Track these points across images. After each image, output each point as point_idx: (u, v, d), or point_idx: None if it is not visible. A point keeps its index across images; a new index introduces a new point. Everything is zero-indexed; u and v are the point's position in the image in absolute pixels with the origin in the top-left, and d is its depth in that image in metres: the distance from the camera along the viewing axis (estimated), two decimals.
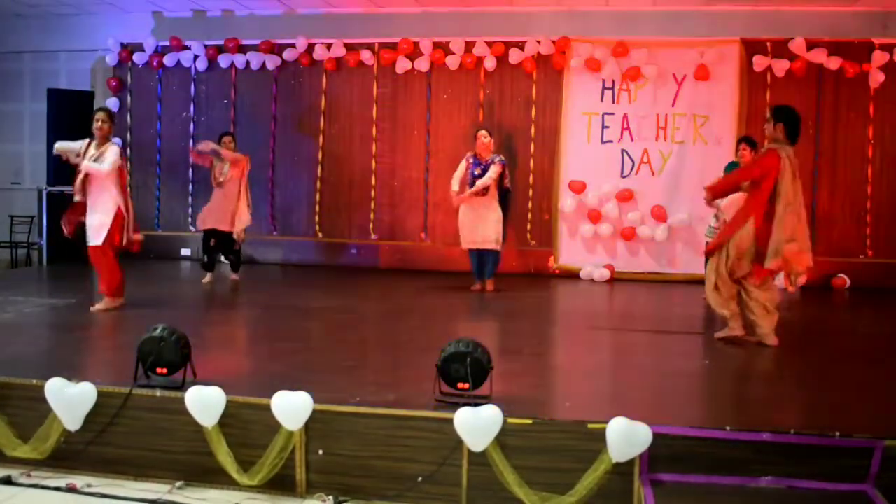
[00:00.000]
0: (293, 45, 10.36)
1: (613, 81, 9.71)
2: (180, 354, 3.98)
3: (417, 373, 4.22)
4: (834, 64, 9.26)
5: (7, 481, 3.80)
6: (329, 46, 10.28)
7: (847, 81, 9.34)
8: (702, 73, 9.44)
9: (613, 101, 9.73)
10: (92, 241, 6.29)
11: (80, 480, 3.82)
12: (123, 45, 10.81)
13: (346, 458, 3.70)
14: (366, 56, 10.22)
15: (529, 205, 9.95)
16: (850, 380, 4.86)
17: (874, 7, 9.22)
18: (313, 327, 6.46)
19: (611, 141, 9.73)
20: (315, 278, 9.36)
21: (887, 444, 3.40)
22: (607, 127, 9.74)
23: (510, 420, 3.57)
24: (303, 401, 3.68)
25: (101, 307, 6.38)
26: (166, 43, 10.67)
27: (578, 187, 9.71)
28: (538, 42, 9.78)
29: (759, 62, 9.35)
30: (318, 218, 10.52)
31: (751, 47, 9.42)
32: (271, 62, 10.41)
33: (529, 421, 3.58)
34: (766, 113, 5.82)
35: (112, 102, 10.60)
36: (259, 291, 8.30)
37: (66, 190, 9.63)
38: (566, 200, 9.76)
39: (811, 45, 9.30)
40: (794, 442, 3.45)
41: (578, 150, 9.77)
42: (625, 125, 9.70)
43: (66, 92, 10.73)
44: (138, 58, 10.76)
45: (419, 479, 3.62)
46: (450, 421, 3.57)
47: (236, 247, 8.63)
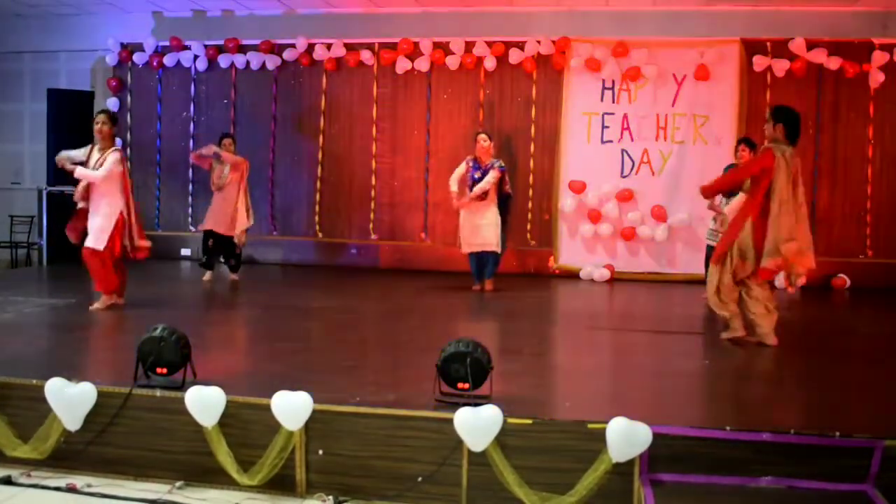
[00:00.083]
0: (293, 45, 10.37)
1: (613, 81, 9.71)
2: (180, 354, 3.98)
3: (417, 373, 4.22)
4: (834, 64, 9.26)
5: (7, 481, 3.80)
6: (329, 46, 10.28)
7: (847, 81, 9.34)
8: (702, 73, 9.44)
9: (613, 101, 9.73)
10: (89, 244, 6.24)
11: (80, 480, 3.82)
12: (123, 45, 10.82)
13: (346, 458, 3.70)
14: (366, 56, 10.23)
15: (529, 205, 9.95)
16: (850, 380, 4.86)
17: (874, 7, 9.22)
18: (313, 327, 6.46)
19: (611, 141, 9.74)
20: (315, 278, 9.36)
21: (887, 444, 3.40)
22: (607, 127, 9.74)
23: (510, 420, 3.57)
24: (303, 401, 3.68)
25: (98, 306, 6.38)
26: (166, 43, 10.68)
27: (578, 187, 9.72)
28: (538, 42, 9.78)
29: (759, 62, 9.35)
30: (318, 218, 10.52)
31: (751, 47, 9.43)
32: (271, 62, 10.41)
33: (529, 421, 3.58)
34: (766, 113, 5.81)
35: (112, 102, 10.62)
36: (259, 291, 8.30)
37: (66, 190, 9.65)
38: (566, 200, 9.76)
39: (811, 45, 9.30)
40: (794, 442, 3.45)
41: (578, 150, 9.78)
42: (625, 125, 9.70)
43: (66, 92, 10.74)
44: (138, 58, 10.77)
45: (419, 479, 3.62)
46: (450, 421, 3.57)
47: (238, 250, 8.63)
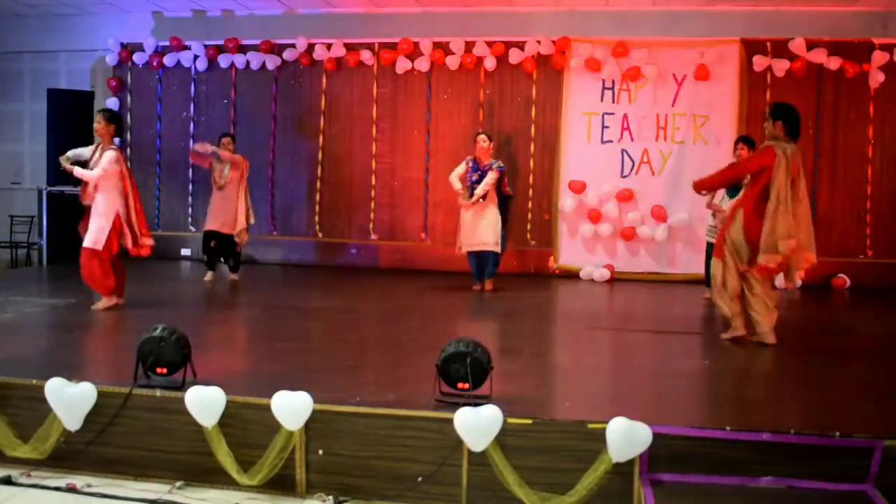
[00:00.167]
0: (293, 45, 10.37)
1: (613, 81, 9.71)
2: (180, 354, 3.98)
3: (417, 373, 4.22)
4: (834, 64, 9.26)
5: (7, 481, 3.80)
6: (329, 46, 10.28)
7: (847, 81, 9.34)
8: (702, 73, 9.44)
9: (613, 101, 9.73)
10: (87, 244, 6.27)
11: (80, 480, 3.82)
12: (123, 45, 10.82)
13: (346, 458, 3.70)
14: (366, 56, 10.22)
15: (529, 205, 9.95)
16: (850, 380, 4.87)
17: (874, 7, 9.22)
18: (313, 327, 6.46)
19: (611, 141, 9.74)
20: (315, 278, 9.36)
21: (887, 444, 3.40)
22: (607, 127, 9.74)
23: (510, 420, 3.56)
24: (303, 401, 3.68)
25: (100, 306, 6.39)
26: (166, 43, 10.68)
27: (578, 187, 9.71)
28: (538, 42, 9.78)
29: (759, 62, 9.35)
30: (318, 218, 10.52)
31: (751, 47, 9.43)
32: (271, 62, 10.41)
33: (529, 421, 3.58)
34: (766, 111, 5.81)
35: (112, 102, 10.62)
36: (259, 291, 8.30)
37: (65, 190, 9.68)
38: (566, 200, 9.76)
39: (811, 45, 9.30)
40: (794, 442, 3.45)
41: (578, 150, 9.77)
42: (625, 125, 9.70)
43: (66, 92, 10.74)
44: (138, 58, 10.78)
45: (419, 479, 3.61)
46: (450, 421, 3.57)
47: (238, 249, 8.64)
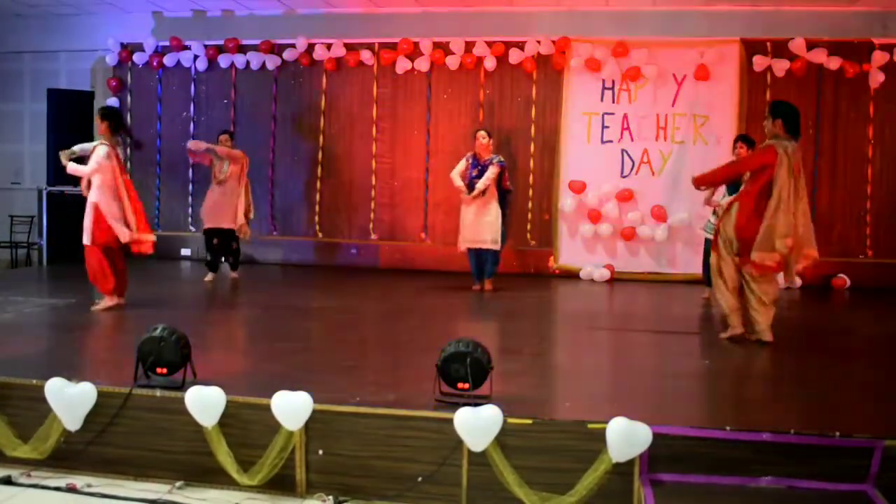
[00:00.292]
0: (293, 45, 10.36)
1: (613, 81, 9.71)
2: (180, 354, 3.98)
3: (417, 373, 4.22)
4: (834, 64, 9.26)
5: (7, 481, 3.80)
6: (329, 46, 10.28)
7: (847, 81, 9.34)
8: (702, 73, 9.44)
9: (613, 101, 9.73)
10: (83, 241, 6.39)
11: (80, 480, 3.82)
12: (123, 45, 10.82)
13: (346, 458, 3.70)
14: (366, 56, 10.22)
15: (529, 205, 9.95)
16: (850, 380, 4.86)
17: (874, 7, 9.22)
18: (313, 327, 6.46)
19: (611, 141, 9.73)
20: (315, 278, 9.37)
21: (887, 444, 3.40)
22: (607, 127, 9.74)
23: (510, 420, 3.56)
24: (303, 401, 3.68)
25: (100, 306, 6.39)
26: (166, 43, 10.68)
27: (578, 187, 9.71)
28: (538, 42, 9.77)
29: (759, 62, 9.35)
30: (318, 218, 10.52)
31: (751, 47, 9.42)
32: (271, 62, 10.41)
33: (529, 421, 3.58)
34: (766, 110, 5.80)
35: (112, 102, 10.58)
36: (259, 291, 8.30)
37: (66, 190, 9.68)
38: (566, 200, 9.75)
39: (811, 45, 9.30)
40: (794, 442, 3.45)
41: (578, 150, 9.77)
42: (625, 125, 9.70)
43: (66, 92, 10.74)
44: (138, 58, 10.77)
45: (419, 479, 3.62)
46: (450, 421, 3.57)
47: (234, 245, 8.65)
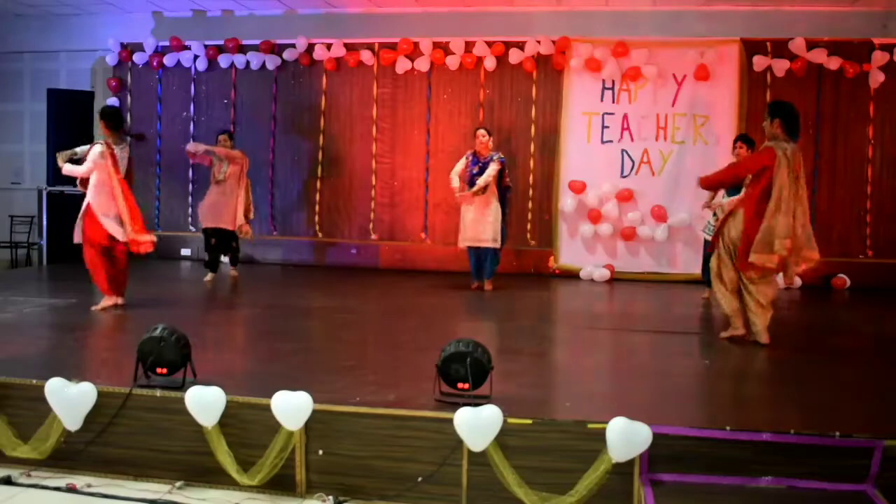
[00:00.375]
0: (293, 45, 10.37)
1: (613, 81, 9.71)
2: (180, 354, 3.98)
3: (417, 373, 4.22)
4: (834, 64, 9.26)
5: (7, 481, 3.80)
6: (329, 46, 10.28)
7: (847, 81, 9.34)
8: (702, 73, 9.44)
9: (613, 101, 9.73)
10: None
11: (80, 480, 3.82)
12: (123, 45, 10.82)
13: (346, 458, 3.70)
14: (366, 56, 10.22)
15: (529, 205, 9.95)
16: (850, 380, 4.86)
17: (874, 7, 9.22)
18: (313, 327, 6.46)
19: (611, 141, 9.73)
20: (315, 278, 9.36)
21: (887, 444, 3.40)
22: (607, 127, 9.74)
23: (510, 420, 3.57)
24: (303, 401, 3.68)
25: (99, 306, 6.40)
26: (166, 43, 10.68)
27: (578, 187, 9.71)
28: (538, 42, 9.78)
29: (759, 62, 9.35)
30: (318, 218, 10.52)
31: (751, 47, 9.42)
32: (271, 62, 10.41)
33: (529, 421, 3.58)
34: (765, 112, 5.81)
35: (112, 102, 10.59)
36: (259, 291, 8.30)
37: (65, 190, 9.68)
38: (566, 200, 9.75)
39: (811, 45, 9.30)
40: (794, 442, 3.45)
41: (578, 150, 9.77)
42: (625, 125, 9.70)
43: (66, 92, 10.74)
44: (138, 58, 10.78)
45: (419, 479, 3.62)
46: (450, 421, 3.57)
47: (234, 244, 8.67)
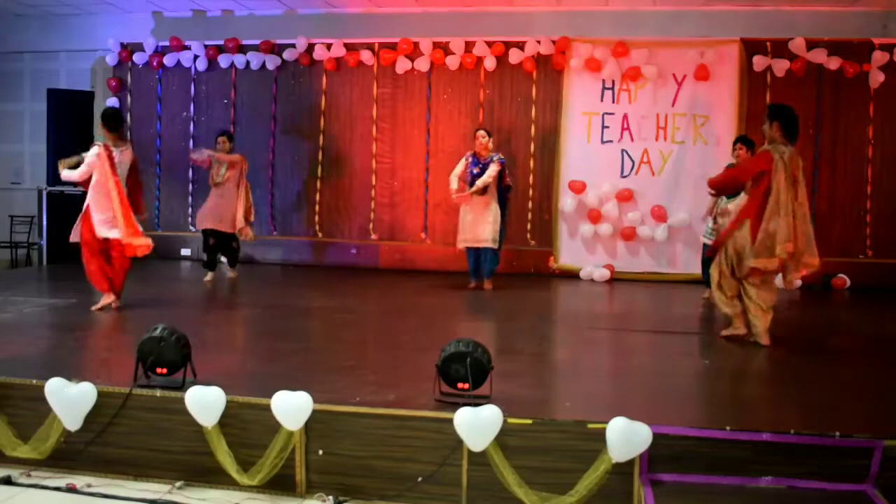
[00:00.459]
0: (293, 45, 10.37)
1: (613, 81, 9.71)
2: (180, 354, 3.98)
3: (417, 373, 4.22)
4: (834, 64, 9.26)
5: (7, 481, 3.80)
6: (329, 46, 10.28)
7: (847, 81, 9.34)
8: (702, 73, 9.43)
9: (613, 101, 9.73)
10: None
11: (80, 480, 3.82)
12: (123, 45, 10.82)
13: (346, 458, 3.70)
14: (366, 56, 10.22)
15: (529, 205, 9.95)
16: (850, 380, 4.87)
17: (874, 7, 9.22)
18: (313, 327, 6.46)
19: (611, 141, 9.73)
20: (315, 278, 9.36)
21: (887, 444, 3.40)
22: (607, 127, 9.74)
23: (510, 420, 3.57)
24: (303, 401, 3.68)
25: (97, 305, 6.40)
26: (166, 43, 10.68)
27: (578, 187, 9.71)
28: (538, 42, 9.77)
29: (759, 62, 9.35)
30: (318, 218, 10.52)
31: (751, 47, 9.42)
32: (271, 62, 10.41)
33: (529, 421, 3.58)
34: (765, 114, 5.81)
35: (112, 102, 10.61)
36: (259, 291, 8.30)
37: (65, 190, 9.67)
38: (566, 200, 9.75)
39: (811, 45, 9.30)
40: (794, 442, 3.45)
41: (578, 150, 9.77)
42: (625, 125, 9.69)
43: (66, 92, 10.74)
44: (138, 58, 10.77)
45: (419, 479, 3.62)
46: (450, 421, 3.57)
47: (234, 245, 8.68)
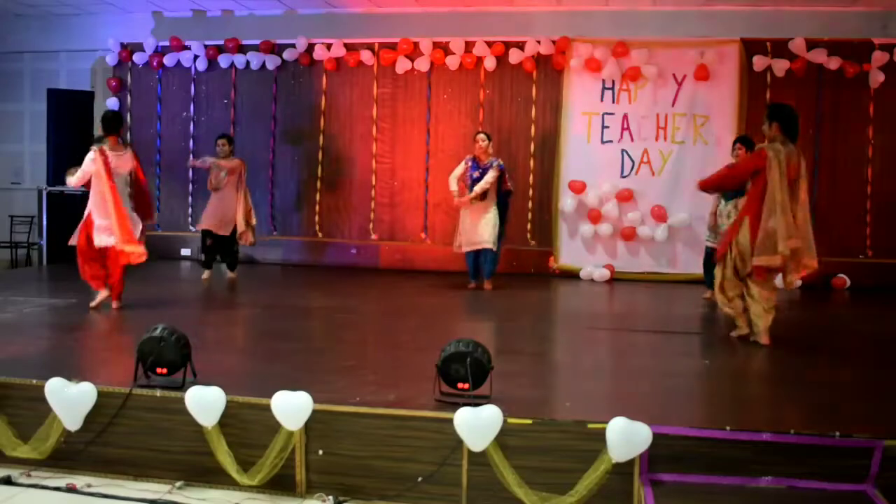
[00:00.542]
0: (293, 45, 10.37)
1: (613, 81, 9.70)
2: (180, 354, 3.98)
3: (417, 373, 4.22)
4: (834, 64, 9.26)
5: (7, 481, 3.80)
6: (329, 46, 10.28)
7: (847, 81, 9.33)
8: (702, 73, 9.43)
9: (613, 102, 9.73)
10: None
11: (80, 480, 3.82)
12: (123, 45, 10.82)
13: (346, 458, 3.70)
14: (366, 56, 10.22)
15: (529, 205, 9.95)
16: (850, 380, 4.87)
17: (874, 7, 9.22)
18: (313, 327, 6.46)
19: (611, 141, 9.73)
20: (315, 278, 9.36)
21: (887, 444, 3.40)
22: (607, 127, 9.74)
23: (510, 420, 3.57)
24: (303, 401, 3.68)
25: (93, 303, 6.43)
26: (166, 43, 10.68)
27: (578, 187, 9.71)
28: (538, 42, 9.77)
29: (759, 62, 9.35)
30: (318, 218, 10.52)
31: (751, 47, 9.42)
32: (271, 62, 10.41)
33: (529, 421, 3.58)
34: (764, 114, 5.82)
35: (112, 102, 10.63)
36: (259, 291, 8.30)
37: (65, 190, 9.67)
38: (566, 200, 9.75)
39: (811, 45, 9.30)
40: (794, 442, 3.45)
41: (578, 150, 9.77)
42: (625, 125, 9.69)
43: (66, 92, 10.74)
44: (138, 58, 10.77)
45: (419, 479, 3.62)
46: (450, 421, 3.57)
47: (234, 247, 8.67)
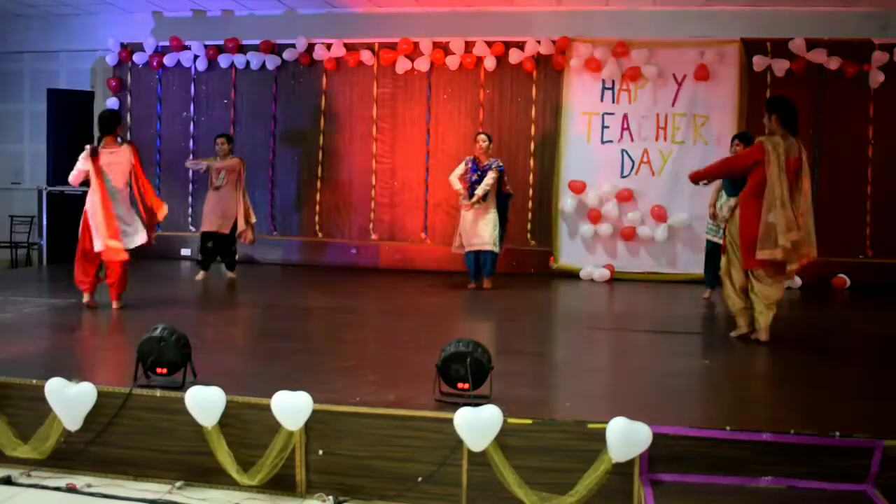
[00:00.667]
0: (293, 45, 10.37)
1: (613, 81, 9.70)
2: (180, 354, 3.98)
3: (417, 373, 4.22)
4: (834, 64, 9.26)
5: (7, 481, 3.80)
6: (329, 46, 10.28)
7: (847, 81, 9.33)
8: (702, 73, 9.43)
9: (613, 102, 9.73)
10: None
11: (80, 480, 3.82)
12: (123, 45, 10.82)
13: (346, 458, 3.70)
14: (366, 56, 10.22)
15: (529, 205, 9.95)
16: (850, 380, 4.86)
17: (874, 7, 9.22)
18: (313, 327, 6.46)
19: (611, 141, 9.73)
20: (315, 278, 9.36)
21: (887, 444, 3.40)
22: (607, 127, 9.74)
23: (510, 420, 3.56)
24: (303, 401, 3.68)
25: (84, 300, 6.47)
26: (166, 43, 10.68)
27: (578, 187, 9.71)
28: (538, 42, 9.77)
29: (759, 62, 9.35)
30: (318, 218, 10.52)
31: (751, 47, 9.42)
32: (271, 62, 10.41)
33: (529, 421, 3.58)
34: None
35: (112, 102, 10.62)
36: (259, 291, 8.30)
37: (65, 190, 9.68)
38: (566, 200, 9.75)
39: (811, 45, 9.30)
40: (794, 442, 3.45)
41: (578, 150, 9.77)
42: (625, 125, 9.70)
43: (66, 92, 10.74)
44: (138, 58, 10.77)
45: (419, 479, 3.61)
46: (450, 421, 3.57)
47: (233, 248, 8.67)
